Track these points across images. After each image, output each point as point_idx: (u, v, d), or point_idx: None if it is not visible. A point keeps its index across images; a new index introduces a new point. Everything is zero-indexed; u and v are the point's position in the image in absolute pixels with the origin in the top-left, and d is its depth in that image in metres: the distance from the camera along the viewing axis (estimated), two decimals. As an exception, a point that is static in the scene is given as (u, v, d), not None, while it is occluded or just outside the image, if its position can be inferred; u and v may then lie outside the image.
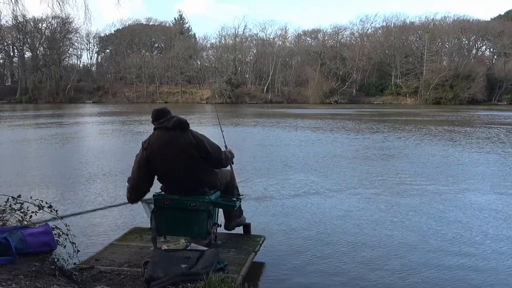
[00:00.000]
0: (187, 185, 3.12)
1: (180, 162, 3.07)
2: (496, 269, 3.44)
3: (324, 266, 3.47)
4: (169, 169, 3.11)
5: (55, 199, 5.26)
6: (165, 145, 3.08)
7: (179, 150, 3.07)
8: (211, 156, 3.15)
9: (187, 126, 3.16)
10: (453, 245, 3.96)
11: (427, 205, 5.34)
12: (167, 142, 3.08)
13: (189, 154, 3.08)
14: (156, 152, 3.09)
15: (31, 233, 2.65)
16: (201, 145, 3.11)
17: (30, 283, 2.22)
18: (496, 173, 7.64)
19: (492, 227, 4.50)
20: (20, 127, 17.68)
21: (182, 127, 3.14)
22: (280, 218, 4.76)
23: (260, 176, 7.14)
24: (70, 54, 63.46)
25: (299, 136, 13.92)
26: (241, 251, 3.20)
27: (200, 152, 3.11)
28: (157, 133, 3.15)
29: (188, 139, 3.09)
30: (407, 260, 3.61)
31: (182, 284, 2.45)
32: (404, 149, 10.83)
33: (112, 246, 3.31)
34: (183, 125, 3.14)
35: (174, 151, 3.06)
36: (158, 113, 3.23)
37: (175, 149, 3.06)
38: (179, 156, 3.07)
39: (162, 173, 3.16)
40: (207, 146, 3.14)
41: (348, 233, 4.28)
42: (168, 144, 3.08)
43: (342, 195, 5.91)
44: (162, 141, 3.09)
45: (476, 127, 18.19)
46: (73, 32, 58.98)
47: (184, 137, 3.09)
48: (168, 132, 3.11)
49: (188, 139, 3.09)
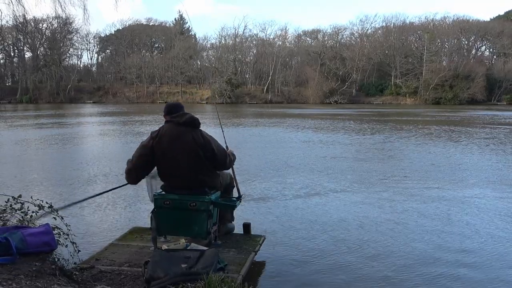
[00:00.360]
0: (188, 183, 3.13)
1: (185, 159, 3.09)
2: (503, 271, 3.40)
3: (324, 266, 3.47)
4: (173, 164, 3.12)
5: (54, 199, 5.26)
6: (174, 139, 3.10)
7: (186, 146, 3.09)
8: (216, 157, 3.17)
9: (198, 125, 3.19)
10: (459, 247, 3.91)
11: (431, 207, 5.29)
12: (176, 137, 3.10)
13: (195, 152, 3.10)
14: (164, 144, 3.11)
15: (31, 233, 2.65)
16: (208, 145, 3.13)
17: (31, 282, 2.22)
18: (499, 173, 7.62)
19: (498, 228, 4.45)
20: (21, 127, 17.69)
21: (193, 124, 3.17)
22: (280, 218, 4.75)
23: (261, 176, 7.14)
24: (71, 54, 63.60)
25: (300, 137, 13.92)
26: (241, 251, 3.20)
27: (206, 152, 3.13)
28: (168, 126, 3.17)
29: (196, 137, 3.12)
30: (411, 260, 3.60)
31: (182, 283, 2.44)
32: (406, 150, 10.83)
33: (113, 246, 3.31)
34: (194, 123, 3.17)
35: (181, 147, 3.09)
36: (172, 108, 3.26)
37: (183, 145, 3.09)
38: (184, 152, 3.09)
39: (165, 167, 3.16)
40: (214, 148, 3.16)
41: (349, 233, 4.28)
42: (177, 139, 3.10)
43: (343, 195, 5.89)
44: (172, 135, 3.11)
45: (477, 127, 18.18)
46: (73, 32, 59.08)
47: (193, 134, 3.12)
48: (179, 127, 3.13)
49: (197, 137, 3.12)
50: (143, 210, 4.91)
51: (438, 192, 6.06)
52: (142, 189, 6.07)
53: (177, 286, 2.43)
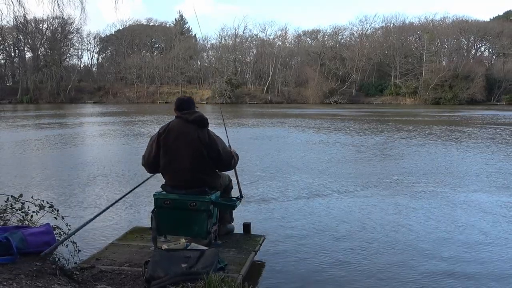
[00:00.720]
0: (189, 181, 3.14)
1: (188, 157, 3.11)
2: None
3: (325, 265, 3.47)
4: (176, 160, 3.14)
5: (54, 199, 5.26)
6: (180, 136, 3.14)
7: (191, 144, 3.12)
8: (221, 158, 3.19)
9: (207, 124, 3.22)
10: (469, 250, 3.82)
11: (435, 208, 5.22)
12: (182, 133, 3.14)
13: (199, 151, 3.12)
14: (170, 139, 3.14)
15: (32, 232, 2.66)
16: (213, 146, 3.15)
17: (31, 282, 2.22)
18: (503, 174, 7.56)
19: (502, 230, 4.40)
20: (21, 127, 17.70)
21: (201, 123, 3.19)
22: (280, 218, 4.75)
23: (261, 176, 7.13)
24: (71, 54, 63.72)
25: (302, 137, 13.92)
26: (241, 251, 3.20)
27: (211, 152, 3.15)
28: (177, 122, 3.21)
29: (202, 136, 3.14)
30: (415, 262, 3.60)
31: (182, 283, 2.45)
32: (408, 150, 10.81)
33: (113, 245, 3.32)
34: (203, 122, 3.20)
35: (186, 144, 3.12)
36: (183, 103, 3.29)
37: (188, 142, 3.12)
38: (189, 150, 3.11)
39: (167, 162, 3.18)
40: (219, 149, 3.18)
41: (350, 232, 4.27)
42: (183, 136, 3.13)
43: (345, 195, 5.88)
44: (179, 131, 3.15)
45: (479, 127, 18.17)
46: (73, 32, 59.14)
47: (199, 133, 3.14)
48: (187, 124, 3.16)
49: (203, 136, 3.14)
50: (143, 210, 4.91)
51: (445, 194, 5.94)
52: (142, 189, 6.08)
53: (177, 285, 2.43)
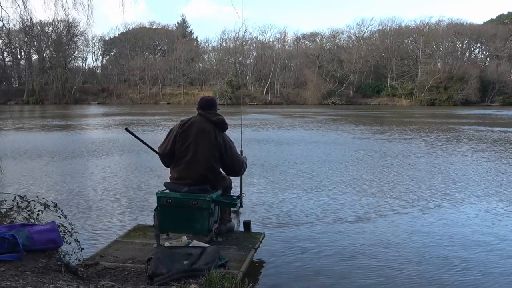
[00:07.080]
0: (196, 178, 3.22)
1: (202, 153, 3.22)
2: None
3: (325, 261, 3.50)
4: (190, 152, 3.23)
5: (56, 199, 5.33)
6: (200, 132, 3.24)
7: (208, 142, 3.23)
8: (232, 164, 3.33)
9: (225, 129, 3.35)
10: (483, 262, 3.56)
11: (446, 214, 4.98)
12: (202, 131, 3.25)
13: (212, 152, 3.24)
14: (190, 133, 3.24)
15: (37, 230, 2.70)
16: (227, 150, 3.29)
17: (37, 278, 2.26)
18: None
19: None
20: (28, 127, 17.83)
21: (221, 127, 3.33)
22: (280, 217, 4.78)
23: (262, 176, 7.18)
24: (76, 56, 64.03)
25: (303, 137, 13.93)
26: (241, 248, 3.24)
27: (223, 156, 3.28)
28: (199, 118, 3.32)
29: (219, 139, 3.27)
30: (414, 263, 3.63)
31: (184, 280, 2.49)
32: (408, 150, 10.80)
33: (116, 243, 3.37)
34: (222, 126, 3.33)
35: (203, 141, 3.22)
36: (206, 103, 3.40)
37: (205, 140, 3.23)
38: (205, 147, 3.22)
39: (182, 153, 3.26)
40: (232, 155, 3.31)
41: (351, 232, 4.30)
42: (202, 133, 3.24)
43: (346, 195, 5.89)
44: (199, 127, 3.26)
45: (480, 127, 18.08)
46: (78, 35, 59.49)
47: (217, 134, 3.26)
48: (208, 123, 3.28)
49: (220, 139, 3.27)
50: (146, 208, 4.98)
51: (453, 200, 5.66)
52: (142, 189, 6.14)
53: (179, 282, 2.47)
